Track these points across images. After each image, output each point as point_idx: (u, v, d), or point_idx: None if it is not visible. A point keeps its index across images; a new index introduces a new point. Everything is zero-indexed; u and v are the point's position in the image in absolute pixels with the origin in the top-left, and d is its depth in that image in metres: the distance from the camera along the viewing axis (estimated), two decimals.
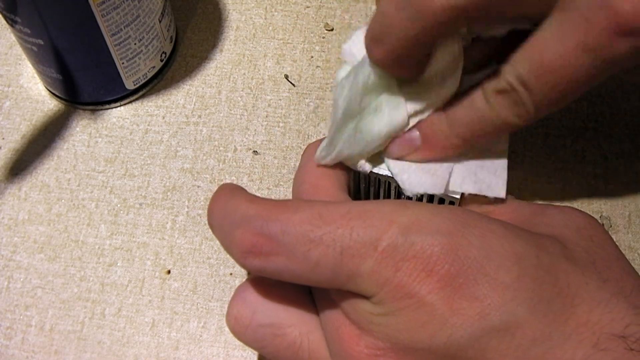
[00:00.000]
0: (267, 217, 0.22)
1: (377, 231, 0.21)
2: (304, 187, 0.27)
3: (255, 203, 0.23)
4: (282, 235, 0.22)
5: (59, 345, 0.32)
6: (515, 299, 0.20)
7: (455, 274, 0.20)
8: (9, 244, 0.35)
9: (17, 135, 0.38)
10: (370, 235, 0.21)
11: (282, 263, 0.22)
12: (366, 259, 0.21)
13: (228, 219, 0.23)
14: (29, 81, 0.40)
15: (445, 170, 0.27)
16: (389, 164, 0.27)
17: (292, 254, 0.22)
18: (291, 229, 0.22)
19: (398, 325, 0.21)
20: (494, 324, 0.20)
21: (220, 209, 0.24)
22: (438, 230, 0.21)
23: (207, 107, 0.39)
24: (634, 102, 0.39)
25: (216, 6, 0.43)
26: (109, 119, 0.39)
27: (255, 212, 0.22)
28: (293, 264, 0.22)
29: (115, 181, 0.37)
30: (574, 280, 0.21)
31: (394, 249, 0.21)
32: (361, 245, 0.21)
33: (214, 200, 0.25)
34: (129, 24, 0.35)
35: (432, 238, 0.21)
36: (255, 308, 0.24)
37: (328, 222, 0.22)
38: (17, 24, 0.34)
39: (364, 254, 0.21)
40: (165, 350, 0.32)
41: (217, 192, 0.25)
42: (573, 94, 0.23)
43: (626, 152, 0.37)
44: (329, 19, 0.42)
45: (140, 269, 0.34)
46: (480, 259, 0.21)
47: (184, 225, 0.35)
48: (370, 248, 0.21)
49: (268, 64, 0.41)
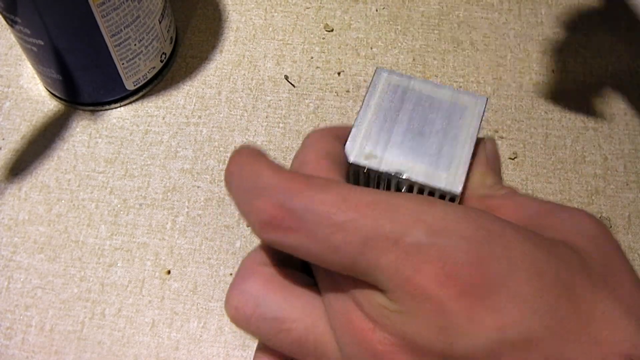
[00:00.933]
0: (291, 190, 0.22)
1: (403, 227, 0.21)
2: (306, 168, 0.26)
3: (279, 173, 0.22)
4: (305, 213, 0.21)
5: (59, 345, 0.32)
6: (534, 315, 0.20)
7: (477, 284, 0.20)
8: (9, 244, 0.35)
9: (17, 136, 0.38)
10: (395, 230, 0.21)
11: (301, 240, 0.22)
12: (388, 253, 0.21)
13: (249, 184, 0.23)
14: (29, 82, 0.40)
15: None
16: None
17: (312, 234, 0.21)
18: (315, 207, 0.21)
19: (414, 325, 0.21)
20: (511, 338, 0.20)
21: (241, 172, 0.23)
22: (464, 236, 0.21)
23: (207, 108, 0.39)
24: (634, 102, 0.39)
25: (216, 7, 0.43)
26: (109, 119, 0.39)
27: (279, 183, 0.22)
28: (312, 244, 0.21)
29: (115, 182, 0.37)
30: (588, 296, 0.21)
31: (418, 248, 0.21)
32: (385, 239, 0.21)
33: (234, 160, 0.24)
34: (129, 24, 0.35)
35: (458, 243, 0.21)
36: (257, 300, 0.24)
37: (353, 208, 0.21)
38: (17, 24, 0.34)
39: (386, 247, 0.21)
40: (165, 350, 0.32)
41: (237, 152, 0.24)
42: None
43: (625, 152, 0.37)
44: (328, 20, 0.42)
45: (140, 269, 0.34)
46: (503, 271, 0.21)
47: (184, 225, 0.35)
48: (393, 243, 0.21)
49: (268, 64, 0.41)
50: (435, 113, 0.30)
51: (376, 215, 0.21)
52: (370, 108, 0.29)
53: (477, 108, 0.29)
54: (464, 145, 0.29)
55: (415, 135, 0.29)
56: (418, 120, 0.29)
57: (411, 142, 0.29)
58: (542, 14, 0.42)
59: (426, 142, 0.29)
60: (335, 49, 0.41)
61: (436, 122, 0.29)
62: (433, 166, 0.28)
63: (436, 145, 0.29)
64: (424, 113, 0.30)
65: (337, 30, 0.42)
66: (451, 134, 0.29)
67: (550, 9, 0.43)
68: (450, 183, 0.28)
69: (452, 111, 0.30)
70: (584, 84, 0.40)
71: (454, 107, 0.30)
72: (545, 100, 0.39)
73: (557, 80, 0.40)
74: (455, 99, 0.30)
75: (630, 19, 0.42)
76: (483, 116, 0.29)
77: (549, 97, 0.39)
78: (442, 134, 0.29)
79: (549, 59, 0.41)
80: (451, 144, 0.29)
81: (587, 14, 0.42)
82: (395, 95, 0.30)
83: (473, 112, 0.30)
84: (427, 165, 0.28)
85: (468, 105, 0.30)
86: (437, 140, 0.29)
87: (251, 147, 0.25)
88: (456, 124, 0.29)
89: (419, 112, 0.29)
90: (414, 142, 0.29)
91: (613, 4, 0.43)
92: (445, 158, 0.28)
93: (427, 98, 0.30)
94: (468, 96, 0.30)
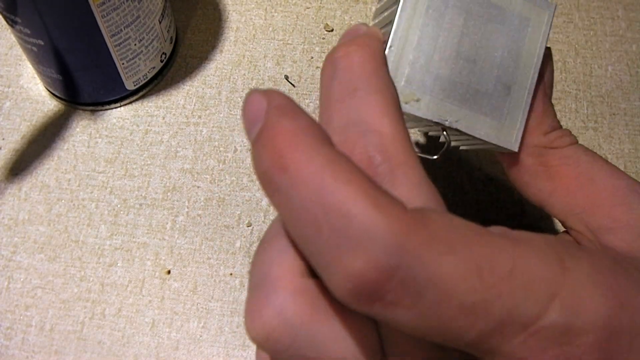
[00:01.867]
0: (406, 246, 0.15)
1: (539, 307, 0.17)
2: (376, 137, 0.18)
3: (384, 212, 0.15)
4: (427, 286, 0.15)
5: (59, 345, 0.32)
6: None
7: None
8: (9, 244, 0.35)
9: (17, 136, 0.38)
10: (530, 313, 0.16)
11: (410, 317, 0.16)
12: (515, 337, 0.17)
13: (331, 220, 0.15)
14: (29, 82, 0.40)
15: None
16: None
17: (430, 312, 0.16)
18: (441, 281, 0.15)
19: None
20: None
21: (314, 193, 0.15)
22: (597, 312, 0.17)
23: (207, 108, 0.39)
24: (634, 102, 0.39)
25: (216, 7, 0.43)
26: (109, 119, 0.39)
27: (385, 231, 0.15)
28: (424, 322, 0.16)
29: (115, 181, 0.37)
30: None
31: (549, 331, 0.17)
32: (518, 324, 0.16)
33: (288, 150, 0.16)
34: (129, 24, 0.35)
35: (590, 325, 0.17)
36: (298, 329, 0.17)
37: (488, 284, 0.16)
38: (17, 24, 0.34)
39: (515, 331, 0.16)
40: (165, 350, 0.32)
41: (289, 131, 0.16)
42: None
43: (625, 152, 0.37)
44: (329, 20, 0.42)
45: (140, 269, 0.34)
46: (626, 350, 0.18)
47: (184, 225, 0.35)
48: (524, 326, 0.17)
49: (268, 64, 0.41)
50: (491, 28, 0.22)
51: (512, 293, 0.16)
52: (406, 18, 0.21)
53: (543, 19, 0.23)
54: (526, 77, 0.23)
55: (466, 63, 0.22)
56: (469, 39, 0.22)
57: (460, 75, 0.22)
58: None
59: (479, 74, 0.22)
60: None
61: (492, 43, 0.22)
62: (486, 111, 0.22)
63: (493, 79, 0.22)
64: (477, 28, 0.22)
65: (337, 30, 0.42)
66: (510, 62, 0.22)
67: None
68: (506, 137, 0.22)
69: (511, 25, 0.22)
70: (583, 84, 0.40)
71: (512, 17, 0.23)
72: None
73: (556, 80, 0.40)
74: (514, 5, 0.23)
75: (630, 19, 0.42)
76: (550, 30, 0.23)
77: None
78: (499, 61, 0.22)
79: None
80: (511, 75, 0.22)
81: (587, 13, 0.42)
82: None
83: (538, 25, 0.23)
84: (479, 111, 0.22)
85: (531, 16, 0.23)
86: (494, 70, 0.22)
87: (303, 121, 0.16)
88: (517, 45, 0.23)
89: (471, 27, 0.22)
90: (463, 74, 0.22)
91: (613, 3, 0.43)
92: (502, 97, 0.22)
93: (480, 2, 0.22)
94: (530, 2, 0.23)
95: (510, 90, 0.22)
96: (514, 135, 0.22)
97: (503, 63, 0.22)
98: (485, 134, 0.22)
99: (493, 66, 0.22)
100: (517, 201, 0.35)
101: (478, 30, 0.22)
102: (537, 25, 0.23)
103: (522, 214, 0.35)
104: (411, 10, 0.21)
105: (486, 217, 0.35)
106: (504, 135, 0.22)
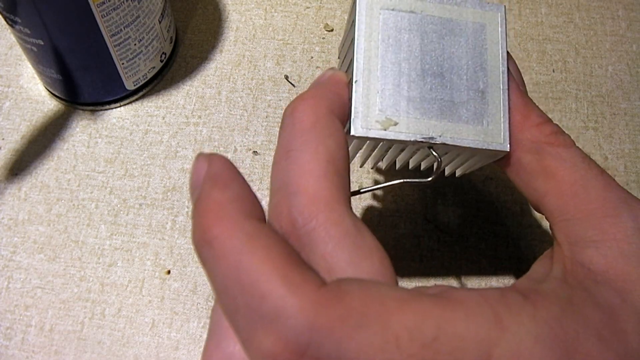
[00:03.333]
0: (316, 326, 0.15)
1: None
2: (298, 199, 0.18)
3: (296, 291, 0.15)
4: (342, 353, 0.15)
5: (59, 345, 0.32)
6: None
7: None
8: (9, 244, 0.35)
9: (17, 136, 0.38)
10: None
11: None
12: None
13: (245, 297, 0.16)
14: (29, 82, 0.40)
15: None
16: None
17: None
18: (356, 356, 0.15)
19: None
20: None
21: (232, 270, 0.16)
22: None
23: (207, 108, 0.39)
24: (634, 102, 0.39)
25: (216, 7, 0.43)
26: (108, 119, 0.39)
27: (296, 312, 0.15)
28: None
29: (115, 181, 0.37)
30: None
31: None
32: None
33: (210, 222, 0.17)
34: (129, 24, 0.35)
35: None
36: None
37: (408, 354, 0.15)
38: (17, 24, 0.34)
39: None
40: (165, 350, 0.32)
41: (214, 220, 0.17)
42: None
43: (626, 152, 0.37)
44: (329, 20, 0.42)
45: (140, 269, 0.34)
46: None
47: (183, 225, 0.35)
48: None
49: (268, 64, 0.41)
50: (449, 41, 0.23)
51: (438, 359, 0.16)
52: (364, 50, 0.22)
53: (497, 20, 0.23)
54: (497, 79, 0.23)
55: (434, 79, 0.22)
56: (431, 56, 0.22)
57: (431, 91, 0.22)
58: (542, 14, 0.42)
59: (450, 86, 0.22)
60: (335, 49, 0.41)
61: (454, 55, 0.23)
62: (467, 119, 0.22)
63: (464, 88, 0.22)
64: (436, 44, 0.23)
65: (337, 30, 0.42)
66: (477, 68, 0.23)
67: (550, 8, 0.43)
68: (493, 139, 0.22)
69: (468, 34, 0.23)
70: (584, 84, 0.40)
71: (467, 27, 0.23)
72: (546, 100, 0.39)
73: (557, 80, 0.40)
74: (466, 15, 0.23)
75: (631, 18, 0.42)
76: (506, 30, 0.23)
77: (549, 97, 0.39)
78: (466, 70, 0.23)
79: (549, 59, 0.41)
80: (481, 80, 0.23)
81: (587, 13, 0.42)
82: (392, 24, 0.22)
83: (494, 28, 0.23)
84: (459, 120, 0.22)
85: (484, 21, 0.23)
86: (463, 79, 0.22)
87: (230, 203, 0.17)
88: (479, 51, 0.23)
89: (429, 45, 0.22)
90: (434, 89, 0.22)
91: (613, 3, 0.43)
92: (479, 103, 0.22)
93: (432, 20, 0.23)
94: (480, 8, 0.23)
95: (484, 94, 0.22)
96: (501, 135, 0.22)
97: (470, 71, 0.22)
98: (473, 141, 0.22)
99: (461, 76, 0.22)
100: (517, 201, 0.35)
101: (437, 46, 0.22)
102: (493, 28, 0.23)
103: (522, 213, 0.35)
104: (367, 43, 0.22)
105: (486, 217, 0.35)
106: (491, 138, 0.22)
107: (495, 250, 0.34)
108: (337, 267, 0.18)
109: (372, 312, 0.15)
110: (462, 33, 0.23)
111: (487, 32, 0.23)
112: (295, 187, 0.19)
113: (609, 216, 0.21)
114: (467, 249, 0.34)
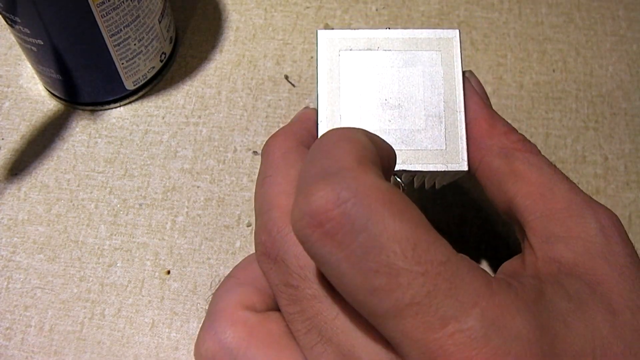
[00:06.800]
0: (369, 199, 0.18)
1: (459, 309, 0.18)
2: (272, 213, 0.22)
3: (362, 160, 0.19)
4: (368, 233, 0.17)
5: (58, 345, 0.32)
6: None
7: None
8: (9, 244, 0.35)
9: (17, 136, 0.38)
10: (450, 311, 0.18)
11: (340, 261, 0.18)
12: (433, 333, 0.17)
13: (316, 157, 0.19)
14: (29, 81, 0.40)
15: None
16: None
17: (359, 262, 0.17)
18: (380, 237, 0.17)
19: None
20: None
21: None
22: (517, 336, 0.18)
23: (206, 108, 0.39)
24: (634, 102, 0.39)
25: (216, 7, 0.43)
26: (108, 119, 0.39)
27: (355, 175, 0.18)
28: (350, 270, 0.17)
29: (114, 182, 0.37)
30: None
31: (467, 336, 0.18)
32: (437, 319, 0.17)
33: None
34: (128, 24, 0.35)
35: (508, 345, 0.18)
36: (235, 355, 0.20)
37: (418, 262, 0.17)
38: (16, 24, 0.34)
39: (434, 327, 0.17)
40: (165, 350, 0.32)
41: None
42: None
43: (626, 152, 0.37)
44: (329, 20, 0.42)
45: (140, 269, 0.34)
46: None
47: (183, 225, 0.35)
48: (442, 324, 0.18)
49: (268, 64, 0.41)
50: (406, 72, 0.25)
51: (439, 285, 0.18)
52: (327, 93, 0.24)
53: (451, 44, 0.25)
54: (453, 101, 0.24)
55: (393, 110, 0.24)
56: (389, 89, 0.24)
57: (390, 123, 0.24)
58: (542, 14, 0.42)
59: (408, 116, 0.24)
60: None
61: (411, 85, 0.24)
62: (426, 145, 0.24)
63: (422, 116, 0.24)
64: (393, 76, 0.24)
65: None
66: (433, 94, 0.24)
67: (550, 8, 0.43)
68: (452, 160, 0.24)
69: (423, 62, 0.25)
70: (584, 84, 0.40)
71: (422, 55, 0.25)
72: (546, 100, 0.39)
73: (557, 80, 0.40)
74: (421, 45, 0.25)
75: (631, 18, 0.42)
76: (461, 52, 0.25)
77: (549, 97, 0.39)
78: (423, 98, 0.24)
79: (549, 59, 0.41)
80: (436, 105, 0.24)
81: (588, 13, 0.42)
82: (352, 64, 0.24)
83: (448, 52, 0.25)
84: (419, 147, 0.24)
85: (439, 47, 0.25)
86: (420, 108, 0.24)
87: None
88: (435, 78, 0.25)
89: (387, 78, 0.24)
90: (393, 121, 0.24)
91: (613, 3, 0.43)
92: (437, 128, 0.24)
93: (388, 55, 0.25)
94: (434, 35, 0.25)
95: (441, 118, 0.24)
96: (460, 155, 0.24)
97: (426, 98, 0.24)
98: (433, 165, 0.24)
99: (418, 105, 0.24)
100: None
101: (395, 79, 0.24)
102: (447, 52, 0.25)
103: None
104: (329, 85, 0.24)
105: (486, 217, 0.35)
106: (450, 159, 0.24)
107: (495, 250, 0.34)
108: (309, 264, 0.20)
109: (406, 212, 0.18)
110: (418, 63, 0.25)
111: (442, 57, 0.25)
112: (270, 205, 0.22)
113: (574, 216, 0.23)
114: (467, 249, 0.34)
